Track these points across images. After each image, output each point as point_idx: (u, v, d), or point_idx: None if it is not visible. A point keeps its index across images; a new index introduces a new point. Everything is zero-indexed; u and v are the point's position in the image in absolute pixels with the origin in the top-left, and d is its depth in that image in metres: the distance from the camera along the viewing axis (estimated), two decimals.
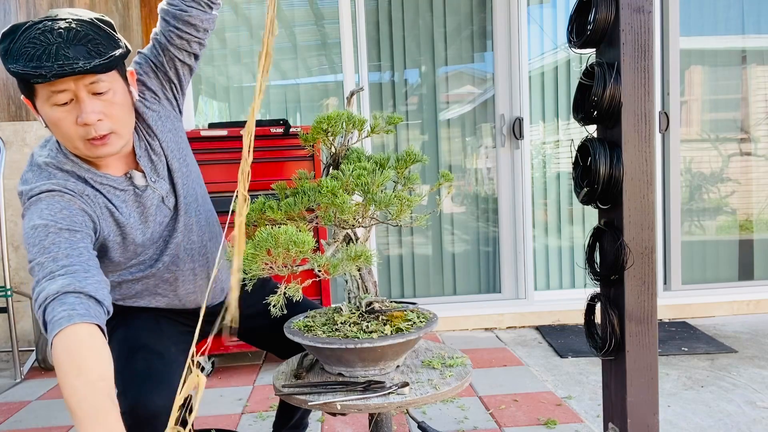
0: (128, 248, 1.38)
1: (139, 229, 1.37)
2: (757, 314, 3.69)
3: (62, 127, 1.21)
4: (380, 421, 1.35)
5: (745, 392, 2.50)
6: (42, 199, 1.22)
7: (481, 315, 3.66)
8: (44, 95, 1.17)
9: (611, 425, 1.57)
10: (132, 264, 1.41)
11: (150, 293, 1.47)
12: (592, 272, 1.54)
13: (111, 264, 1.39)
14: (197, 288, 1.52)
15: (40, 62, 1.11)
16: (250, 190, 0.73)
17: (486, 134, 3.80)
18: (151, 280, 1.45)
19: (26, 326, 3.40)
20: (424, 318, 1.37)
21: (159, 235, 1.42)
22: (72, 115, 1.19)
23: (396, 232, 3.80)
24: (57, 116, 1.19)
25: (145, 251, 1.41)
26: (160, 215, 1.41)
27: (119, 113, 1.25)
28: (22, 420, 2.56)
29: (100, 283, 1.14)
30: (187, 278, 1.49)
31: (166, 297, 1.49)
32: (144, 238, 1.38)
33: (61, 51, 1.12)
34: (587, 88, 1.46)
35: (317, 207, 1.30)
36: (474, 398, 2.56)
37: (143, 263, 1.42)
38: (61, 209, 1.21)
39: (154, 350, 1.37)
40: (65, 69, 1.12)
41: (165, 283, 1.46)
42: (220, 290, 1.61)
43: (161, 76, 1.44)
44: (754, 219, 3.94)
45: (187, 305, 1.53)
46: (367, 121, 1.45)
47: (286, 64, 3.74)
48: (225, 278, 1.61)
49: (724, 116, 3.88)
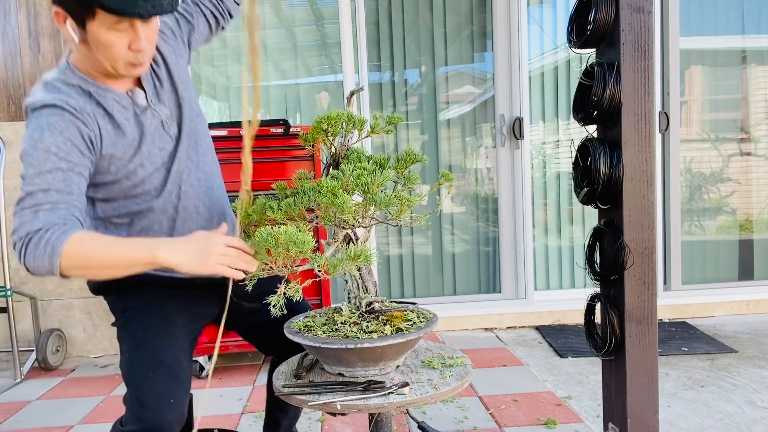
0: (131, 168, 1.38)
1: (140, 148, 1.38)
2: (757, 314, 3.69)
3: (114, 48, 1.27)
4: (380, 421, 1.35)
5: (745, 392, 2.50)
6: (43, 114, 1.26)
7: (481, 315, 3.66)
8: (108, 21, 1.23)
9: (611, 425, 1.57)
10: (138, 193, 1.41)
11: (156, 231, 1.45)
12: (592, 272, 1.54)
13: (118, 190, 1.39)
14: (205, 221, 1.50)
15: (136, 2, 1.21)
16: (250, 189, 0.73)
17: (486, 134, 3.80)
18: (157, 214, 1.43)
19: (26, 326, 3.40)
20: (424, 318, 1.37)
21: (161, 161, 1.42)
22: (125, 39, 1.27)
23: (396, 232, 3.80)
24: (112, 39, 1.26)
25: (149, 178, 1.40)
26: (160, 140, 1.42)
27: (155, 39, 1.36)
28: (22, 420, 2.56)
29: (76, 222, 1.22)
30: (191, 215, 1.48)
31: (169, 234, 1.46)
32: (144, 159, 1.39)
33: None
34: (587, 88, 1.46)
35: (317, 207, 1.30)
36: (474, 398, 2.56)
37: (148, 193, 1.42)
38: (61, 132, 1.25)
39: (171, 369, 1.38)
40: (157, 10, 1.24)
41: (170, 221, 1.45)
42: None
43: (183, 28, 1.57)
44: (754, 219, 3.94)
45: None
46: (367, 121, 1.45)
47: (286, 64, 3.74)
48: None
49: (724, 116, 3.88)
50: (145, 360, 1.38)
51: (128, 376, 1.39)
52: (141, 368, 1.37)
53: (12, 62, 3.35)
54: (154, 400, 1.34)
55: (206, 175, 1.52)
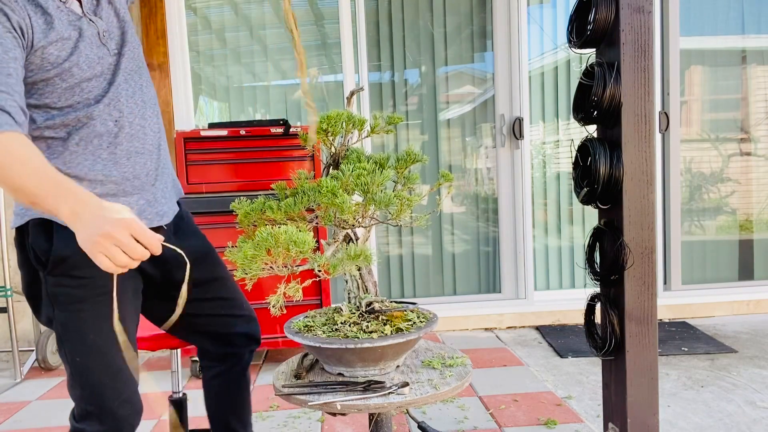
0: (66, 66, 1.29)
1: (75, 48, 1.31)
2: (757, 314, 3.69)
3: None
4: (380, 421, 1.35)
5: (745, 392, 2.50)
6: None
7: (481, 315, 3.66)
8: None
9: (611, 425, 1.57)
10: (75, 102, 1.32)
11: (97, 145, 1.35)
12: (592, 272, 1.54)
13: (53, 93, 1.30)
14: (146, 149, 1.41)
15: None
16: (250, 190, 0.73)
17: (486, 134, 3.80)
18: (96, 125, 1.33)
19: (26, 326, 3.40)
20: (424, 318, 1.37)
21: (100, 68, 1.34)
22: None
23: (396, 232, 3.80)
24: None
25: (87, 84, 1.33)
26: (98, 50, 1.34)
27: None
28: (22, 420, 2.56)
29: (18, 109, 1.15)
30: (136, 134, 1.39)
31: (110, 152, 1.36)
32: (81, 61, 1.31)
33: None
34: (587, 88, 1.46)
35: (317, 207, 1.30)
36: (474, 398, 2.56)
37: (86, 102, 1.33)
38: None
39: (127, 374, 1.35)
40: None
41: (109, 135, 1.35)
42: (157, 214, 1.44)
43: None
44: (754, 219, 3.94)
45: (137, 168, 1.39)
46: (367, 121, 1.45)
47: (286, 64, 3.74)
48: (166, 199, 1.48)
49: (724, 116, 3.88)
50: (101, 368, 1.33)
51: (80, 377, 1.33)
52: (97, 377, 1.33)
53: None
54: (116, 406, 1.33)
55: (147, 104, 1.44)
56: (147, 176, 1.41)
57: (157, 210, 1.43)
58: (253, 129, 2.98)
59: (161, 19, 3.36)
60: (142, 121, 1.40)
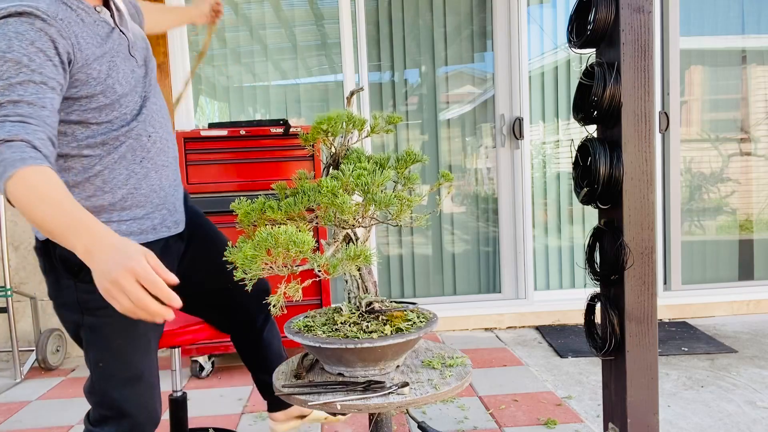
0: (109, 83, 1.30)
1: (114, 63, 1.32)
2: (757, 314, 3.69)
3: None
4: (380, 421, 1.35)
5: (745, 392, 2.50)
6: (10, 23, 1.13)
7: (481, 315, 3.66)
8: None
9: (611, 425, 1.57)
10: (114, 117, 1.33)
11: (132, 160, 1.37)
12: (592, 272, 1.54)
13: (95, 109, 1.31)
14: (170, 160, 1.46)
15: None
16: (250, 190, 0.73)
17: (486, 134, 3.80)
18: (132, 141, 1.35)
19: (26, 326, 3.40)
20: (424, 318, 1.37)
21: (134, 82, 1.37)
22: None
23: (396, 232, 3.80)
24: None
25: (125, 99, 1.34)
26: (129, 62, 1.36)
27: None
28: (22, 420, 2.57)
29: (46, 141, 1.12)
30: (163, 148, 1.43)
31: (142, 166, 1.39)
32: (120, 76, 1.32)
33: None
34: (587, 88, 1.46)
35: (317, 207, 1.30)
36: (474, 398, 2.56)
37: (124, 117, 1.34)
38: (32, 42, 1.13)
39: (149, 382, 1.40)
40: None
41: (143, 150, 1.38)
42: (175, 222, 1.51)
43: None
44: (754, 219, 3.94)
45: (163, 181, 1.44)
46: (367, 121, 1.45)
47: (286, 64, 3.74)
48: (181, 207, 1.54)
49: (724, 116, 3.88)
50: (124, 374, 1.36)
51: (104, 383, 1.36)
52: (119, 381, 1.36)
53: None
54: (134, 413, 1.36)
55: (167, 117, 1.49)
56: (169, 187, 1.46)
57: (175, 219, 1.49)
58: (253, 129, 2.98)
59: None
60: (167, 135, 1.45)
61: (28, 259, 3.38)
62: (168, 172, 1.45)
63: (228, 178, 2.96)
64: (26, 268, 3.39)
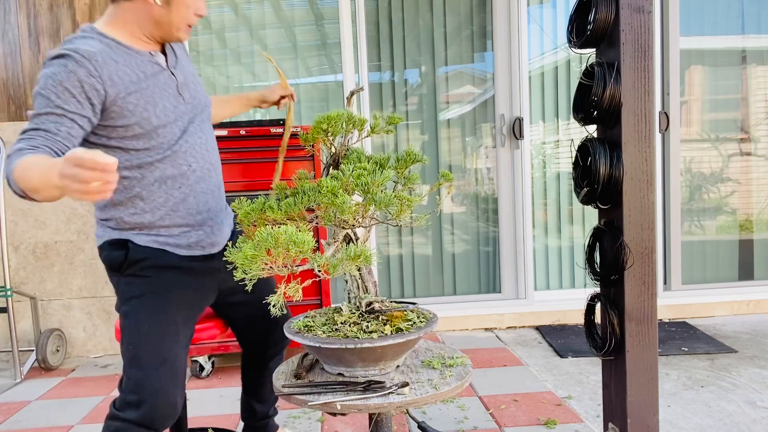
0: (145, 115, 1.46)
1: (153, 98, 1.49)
2: (757, 314, 3.69)
3: (190, 9, 1.51)
4: (380, 421, 1.35)
5: (745, 392, 2.50)
6: (51, 64, 1.38)
7: (481, 315, 3.66)
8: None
9: (611, 425, 1.57)
10: (152, 145, 1.49)
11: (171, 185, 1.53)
12: (592, 272, 1.54)
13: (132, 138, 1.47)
14: (210, 188, 1.61)
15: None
16: (249, 190, 0.73)
17: (486, 134, 3.80)
18: (168, 168, 1.51)
19: (26, 326, 3.40)
20: (424, 318, 1.37)
21: (174, 116, 1.52)
22: (196, 5, 1.53)
23: (396, 232, 3.80)
24: (190, 2, 1.50)
25: (163, 129, 1.50)
26: (175, 99, 1.53)
27: None
28: (22, 420, 2.57)
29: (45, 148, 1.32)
30: (204, 175, 1.58)
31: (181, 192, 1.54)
32: (158, 110, 1.49)
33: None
34: (587, 88, 1.46)
35: (317, 207, 1.30)
36: (474, 398, 2.56)
37: (161, 146, 1.50)
38: (61, 82, 1.35)
39: (173, 367, 1.48)
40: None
41: (182, 177, 1.54)
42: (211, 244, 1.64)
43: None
44: (754, 219, 3.94)
45: (200, 207, 1.58)
46: (367, 121, 1.45)
47: (286, 64, 3.74)
48: (221, 230, 1.67)
49: (724, 116, 3.88)
50: (148, 355, 1.46)
51: (130, 366, 1.46)
52: (144, 362, 1.45)
53: (12, 62, 3.35)
54: (153, 395, 1.42)
55: (213, 149, 1.65)
56: (209, 212, 1.61)
57: (212, 240, 1.63)
58: (253, 129, 2.98)
59: None
60: (209, 166, 1.61)
61: (28, 259, 3.38)
62: (207, 198, 1.60)
63: (228, 178, 2.93)
64: (26, 268, 3.39)
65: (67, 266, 3.40)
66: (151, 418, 1.43)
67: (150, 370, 1.44)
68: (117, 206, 1.52)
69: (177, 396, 1.48)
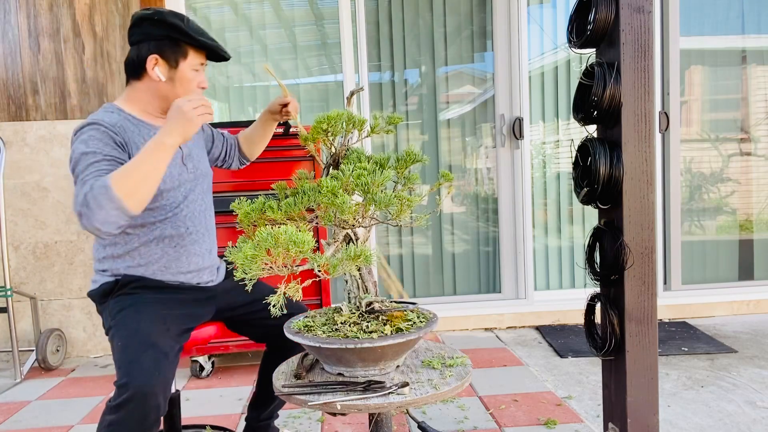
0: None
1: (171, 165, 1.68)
2: (757, 314, 3.69)
3: (192, 83, 1.70)
4: (380, 421, 1.35)
5: (745, 392, 2.50)
6: (84, 131, 1.58)
7: (481, 315, 3.66)
8: (195, 62, 1.69)
9: (611, 425, 1.57)
10: (156, 206, 1.66)
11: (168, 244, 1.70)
12: (592, 272, 1.54)
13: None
14: (202, 251, 1.77)
15: (218, 44, 1.72)
16: (250, 189, 0.73)
17: (486, 134, 3.80)
18: (168, 228, 1.69)
19: (26, 326, 3.40)
20: (424, 318, 1.37)
21: (178, 182, 1.70)
22: (197, 79, 1.72)
23: (396, 232, 3.80)
24: (192, 77, 1.69)
25: (167, 193, 1.68)
26: (180, 168, 1.72)
27: None
28: (22, 420, 2.57)
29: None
30: (199, 239, 1.76)
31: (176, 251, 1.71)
32: (165, 176, 1.65)
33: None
34: (587, 88, 1.46)
35: (317, 207, 1.31)
36: (474, 398, 2.56)
37: (164, 208, 1.68)
38: (99, 140, 1.55)
39: (162, 351, 1.51)
40: (228, 56, 1.75)
41: (179, 237, 1.71)
42: (216, 269, 1.86)
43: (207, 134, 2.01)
44: (754, 219, 3.94)
45: (191, 267, 1.74)
46: (367, 121, 1.45)
47: (286, 64, 3.74)
48: (210, 273, 1.83)
49: (724, 116, 3.88)
50: (137, 344, 1.50)
51: (120, 358, 1.50)
52: (132, 351, 1.49)
53: (12, 62, 3.35)
54: (142, 372, 1.44)
55: (210, 214, 1.85)
56: (198, 272, 1.77)
57: (198, 280, 1.79)
58: None
59: None
60: (204, 230, 1.78)
61: (28, 259, 3.38)
62: (198, 259, 1.76)
63: (228, 178, 2.96)
64: (26, 268, 3.39)
65: (67, 266, 3.40)
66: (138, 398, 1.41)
67: (139, 354, 1.47)
68: (116, 258, 1.68)
69: (166, 373, 1.48)
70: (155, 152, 1.44)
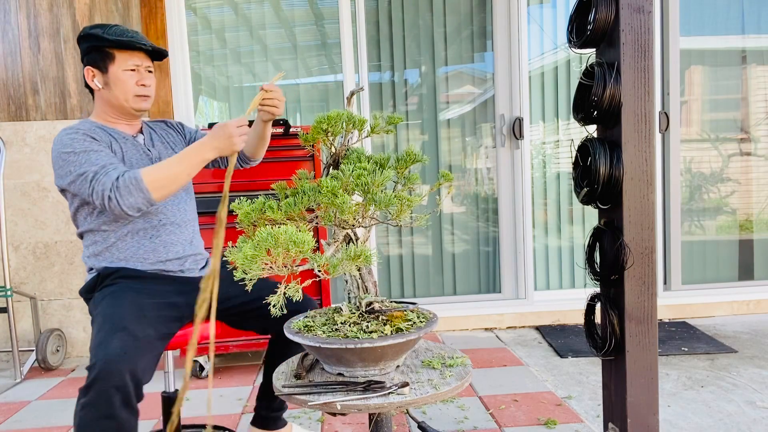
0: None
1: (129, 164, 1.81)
2: (757, 314, 3.69)
3: (126, 83, 1.79)
4: (380, 421, 1.35)
5: (745, 392, 2.50)
6: (61, 135, 1.72)
7: (481, 315, 3.66)
8: (128, 63, 1.77)
9: (611, 425, 1.57)
10: None
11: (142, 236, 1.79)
12: (592, 272, 1.54)
13: None
14: (182, 240, 1.86)
15: (139, 37, 1.78)
16: (250, 189, 0.73)
17: (486, 134, 3.80)
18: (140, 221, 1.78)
19: (26, 326, 3.40)
20: (424, 318, 1.37)
21: None
22: (134, 78, 1.80)
23: (396, 232, 3.80)
24: (126, 77, 1.78)
25: None
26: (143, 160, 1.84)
27: (154, 84, 1.89)
28: (22, 420, 2.57)
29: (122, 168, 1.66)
30: (175, 229, 1.84)
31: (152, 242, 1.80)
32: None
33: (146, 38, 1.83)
34: (587, 88, 1.46)
35: (317, 207, 1.31)
36: (474, 398, 2.56)
37: None
38: (83, 139, 1.69)
39: (132, 334, 1.53)
40: (153, 47, 1.82)
41: (153, 229, 1.80)
42: (204, 259, 1.94)
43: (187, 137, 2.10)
44: (754, 219, 3.94)
45: (170, 255, 1.82)
46: (367, 121, 1.45)
47: (286, 64, 3.74)
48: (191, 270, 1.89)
49: (724, 116, 3.88)
50: (108, 328, 1.55)
51: (92, 343, 1.54)
52: (103, 334, 1.53)
53: (12, 62, 3.35)
54: (107, 352, 1.45)
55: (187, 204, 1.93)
56: (179, 260, 1.85)
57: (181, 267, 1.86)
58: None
59: (161, 19, 3.36)
60: (180, 221, 1.87)
61: (28, 259, 3.38)
62: (179, 248, 1.85)
63: (224, 177, 2.95)
64: (26, 268, 3.39)
65: (67, 266, 3.40)
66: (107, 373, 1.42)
67: (108, 336, 1.50)
68: (98, 256, 1.80)
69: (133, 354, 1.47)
70: (191, 159, 1.62)
